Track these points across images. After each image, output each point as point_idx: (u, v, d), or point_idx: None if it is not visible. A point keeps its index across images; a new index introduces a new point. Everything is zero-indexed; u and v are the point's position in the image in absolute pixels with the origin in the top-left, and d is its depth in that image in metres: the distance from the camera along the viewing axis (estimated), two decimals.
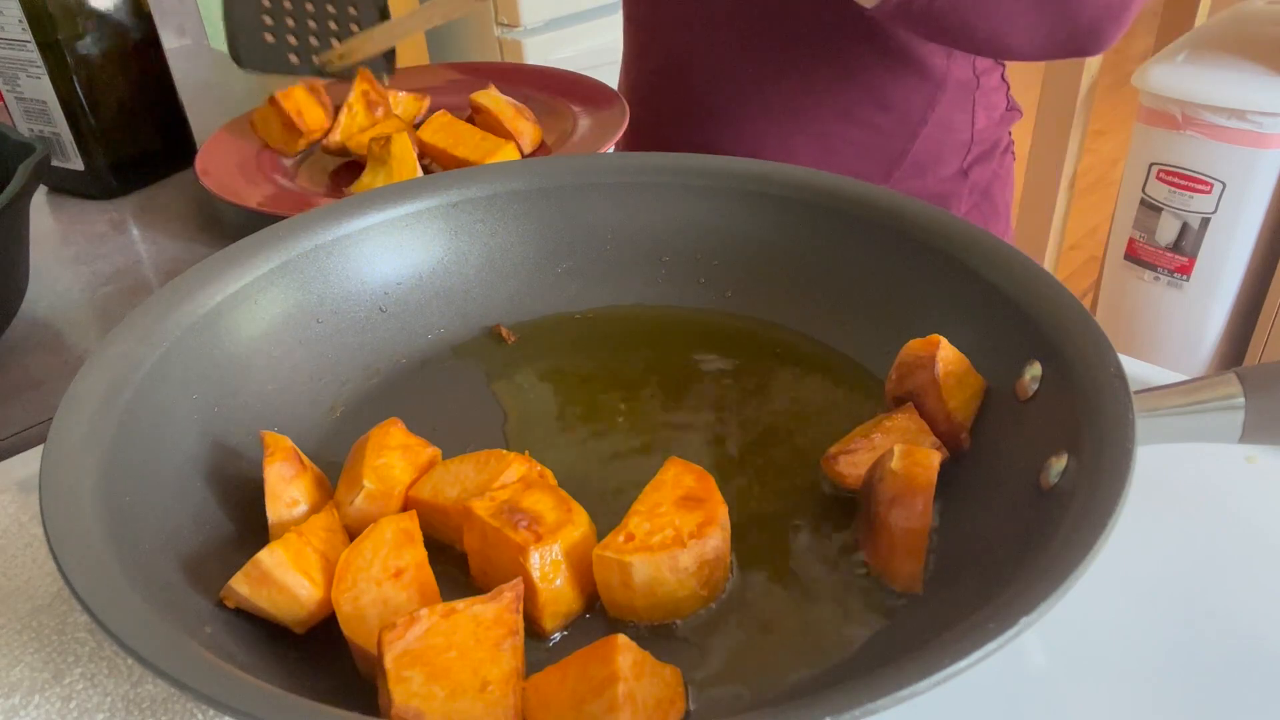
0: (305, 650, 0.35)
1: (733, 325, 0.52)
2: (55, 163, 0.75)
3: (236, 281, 0.45)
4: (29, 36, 0.69)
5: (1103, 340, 0.37)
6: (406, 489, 0.40)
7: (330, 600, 0.34)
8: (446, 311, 0.52)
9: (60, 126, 0.73)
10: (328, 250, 0.49)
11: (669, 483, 0.38)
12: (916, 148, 0.72)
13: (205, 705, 0.30)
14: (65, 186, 0.77)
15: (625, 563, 0.34)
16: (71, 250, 0.70)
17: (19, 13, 0.68)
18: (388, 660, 0.30)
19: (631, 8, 0.79)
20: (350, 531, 0.38)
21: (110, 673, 0.37)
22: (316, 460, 0.41)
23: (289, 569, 0.34)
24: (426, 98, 0.81)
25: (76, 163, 0.75)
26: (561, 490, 0.38)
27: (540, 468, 0.40)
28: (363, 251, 0.50)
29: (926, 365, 0.41)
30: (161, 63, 0.77)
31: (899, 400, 0.43)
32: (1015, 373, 0.40)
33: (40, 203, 0.77)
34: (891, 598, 0.37)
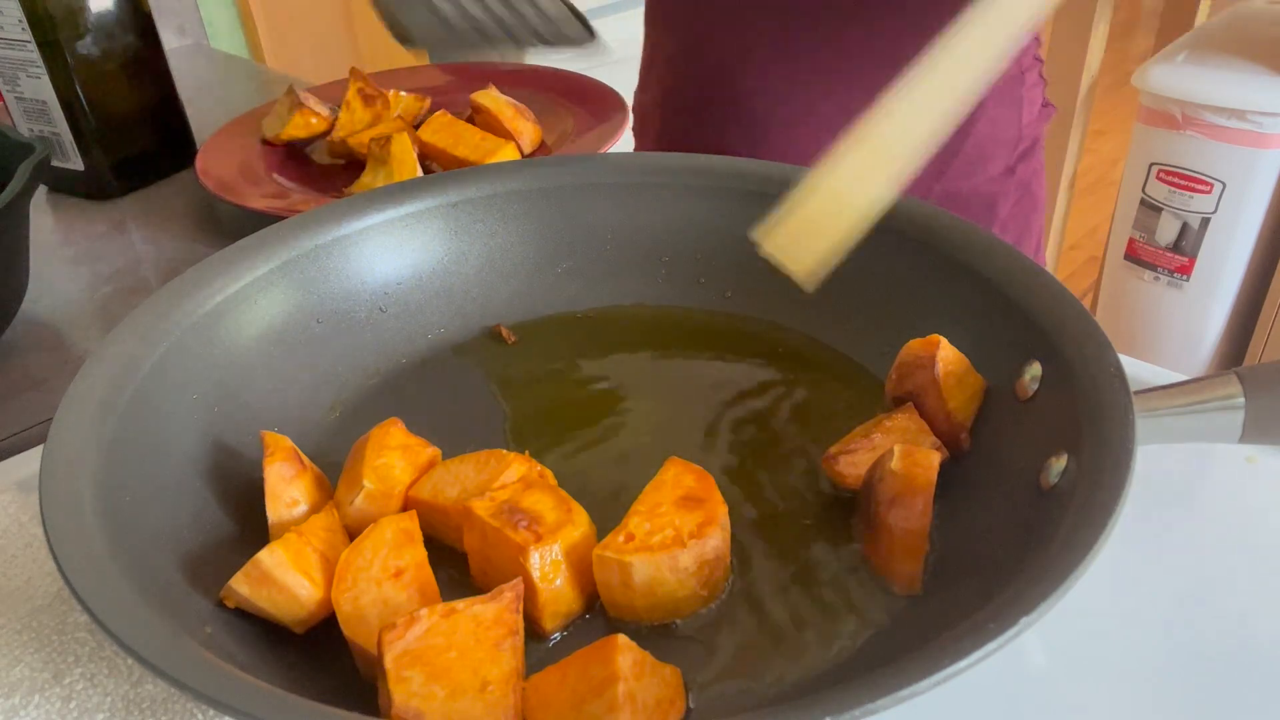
0: (305, 650, 0.35)
1: (733, 325, 0.52)
2: (55, 163, 0.75)
3: (236, 281, 0.45)
4: (29, 36, 0.69)
5: (1103, 340, 0.37)
6: (406, 489, 0.40)
7: (330, 600, 0.34)
8: (446, 311, 0.52)
9: (60, 126, 0.73)
10: (328, 250, 0.49)
11: (669, 483, 0.38)
12: (968, 146, 0.71)
13: (205, 705, 0.30)
14: (65, 186, 0.77)
15: (625, 563, 0.34)
16: (71, 250, 0.70)
17: (19, 13, 0.68)
18: (388, 660, 0.30)
19: (668, 21, 0.77)
20: (350, 531, 0.38)
21: (110, 673, 0.36)
22: (316, 460, 0.41)
23: (289, 569, 0.34)
24: (426, 98, 0.81)
25: (76, 163, 0.75)
26: (561, 490, 0.38)
27: (540, 468, 0.40)
28: (363, 251, 0.50)
29: (926, 365, 0.41)
30: (161, 62, 0.77)
31: (899, 400, 0.43)
32: (1015, 373, 0.40)
33: (40, 203, 0.77)
34: (892, 598, 0.37)
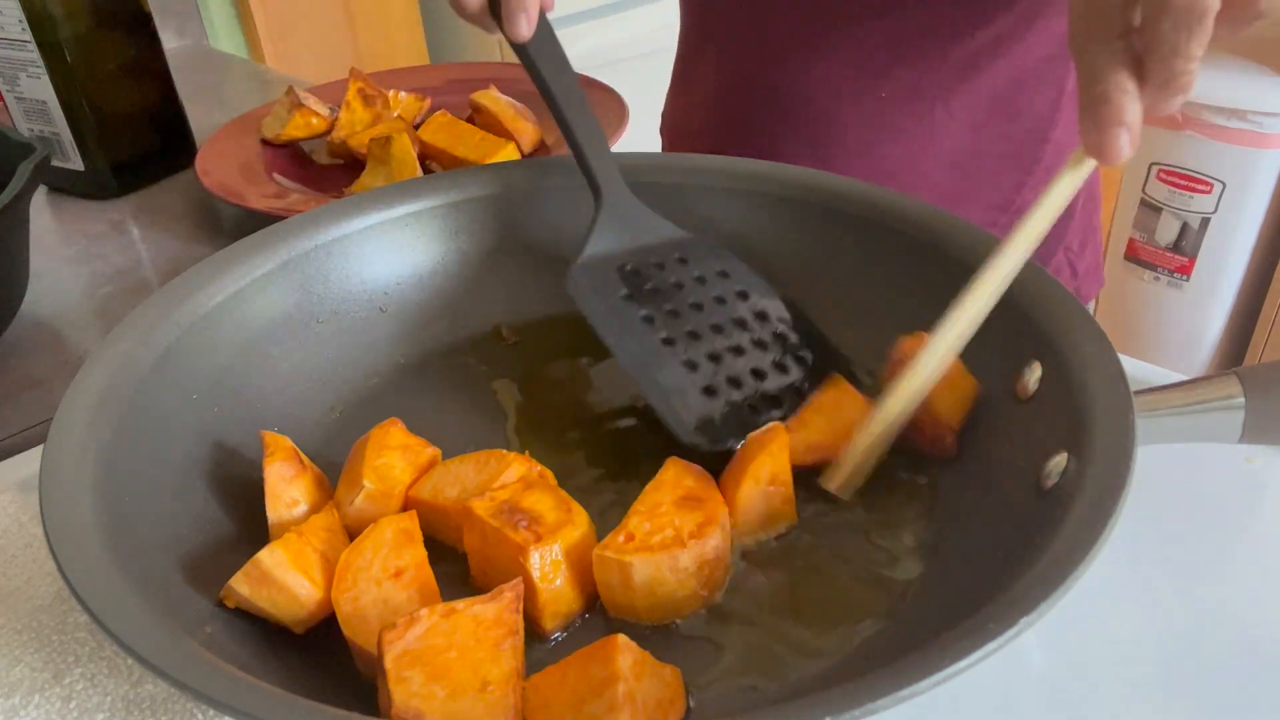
0: (305, 650, 0.35)
1: None
2: (55, 163, 0.75)
3: (236, 281, 0.45)
4: (29, 36, 0.69)
5: (1103, 340, 0.37)
6: (406, 489, 0.40)
7: (330, 600, 0.34)
8: (446, 311, 0.52)
9: (60, 126, 0.73)
10: (328, 250, 0.49)
11: (669, 483, 0.38)
12: (1048, 153, 0.71)
13: (205, 705, 0.30)
14: (65, 186, 0.77)
15: (625, 563, 0.34)
16: (71, 250, 0.70)
17: (19, 13, 0.68)
18: (388, 660, 0.30)
19: (711, 31, 0.75)
20: (350, 531, 0.38)
21: (110, 673, 0.37)
22: (316, 460, 0.41)
23: (289, 569, 0.34)
24: (426, 98, 0.81)
25: (76, 163, 0.75)
26: (561, 490, 0.38)
27: (540, 468, 0.40)
28: (363, 251, 0.50)
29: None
30: (161, 63, 0.77)
31: None
32: (1015, 373, 0.40)
33: (40, 203, 0.77)
34: (892, 597, 0.37)
